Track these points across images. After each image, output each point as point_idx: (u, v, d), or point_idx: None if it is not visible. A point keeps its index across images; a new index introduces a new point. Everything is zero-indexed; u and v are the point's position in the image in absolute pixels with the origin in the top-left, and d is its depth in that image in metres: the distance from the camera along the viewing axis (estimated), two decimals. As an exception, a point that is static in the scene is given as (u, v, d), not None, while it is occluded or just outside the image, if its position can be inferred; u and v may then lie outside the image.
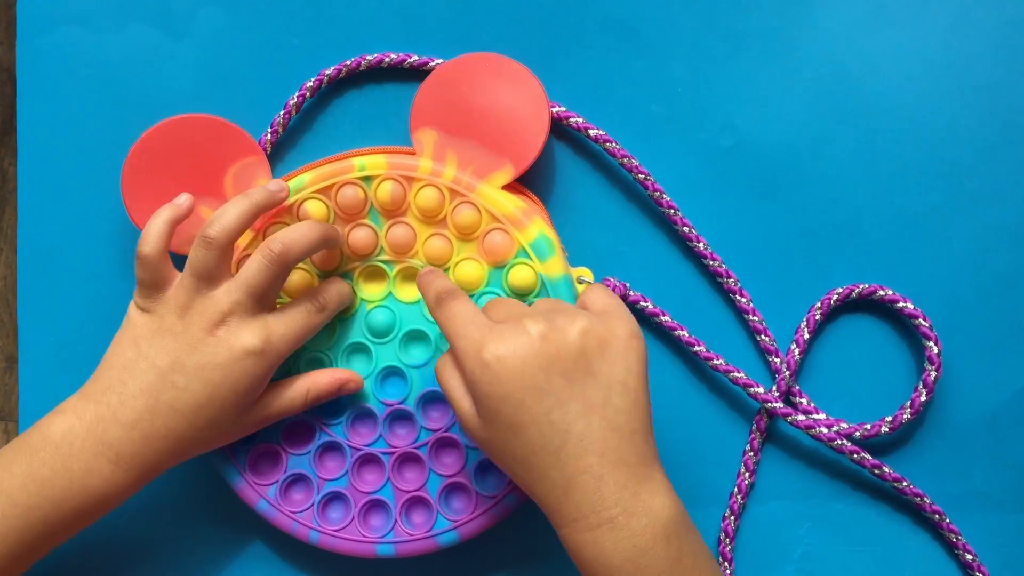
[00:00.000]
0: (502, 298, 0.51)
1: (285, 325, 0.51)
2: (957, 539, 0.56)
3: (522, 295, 0.53)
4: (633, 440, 0.44)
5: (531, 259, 0.53)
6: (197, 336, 0.49)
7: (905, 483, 0.55)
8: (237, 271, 0.51)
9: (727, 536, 0.56)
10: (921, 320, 0.55)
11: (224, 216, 0.49)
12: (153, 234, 0.50)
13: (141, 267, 0.50)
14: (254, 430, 0.53)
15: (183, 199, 0.52)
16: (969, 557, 0.56)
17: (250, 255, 0.53)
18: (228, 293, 0.50)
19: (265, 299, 0.51)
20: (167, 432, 0.49)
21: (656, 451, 0.46)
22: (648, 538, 0.43)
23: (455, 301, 0.47)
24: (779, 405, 0.55)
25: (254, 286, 0.50)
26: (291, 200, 0.54)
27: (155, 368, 0.49)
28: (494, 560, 0.58)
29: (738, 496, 0.56)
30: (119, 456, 0.48)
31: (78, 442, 0.48)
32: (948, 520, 0.56)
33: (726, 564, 0.56)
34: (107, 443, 0.48)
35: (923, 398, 0.54)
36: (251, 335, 0.50)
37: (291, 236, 0.50)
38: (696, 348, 0.55)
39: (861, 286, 0.56)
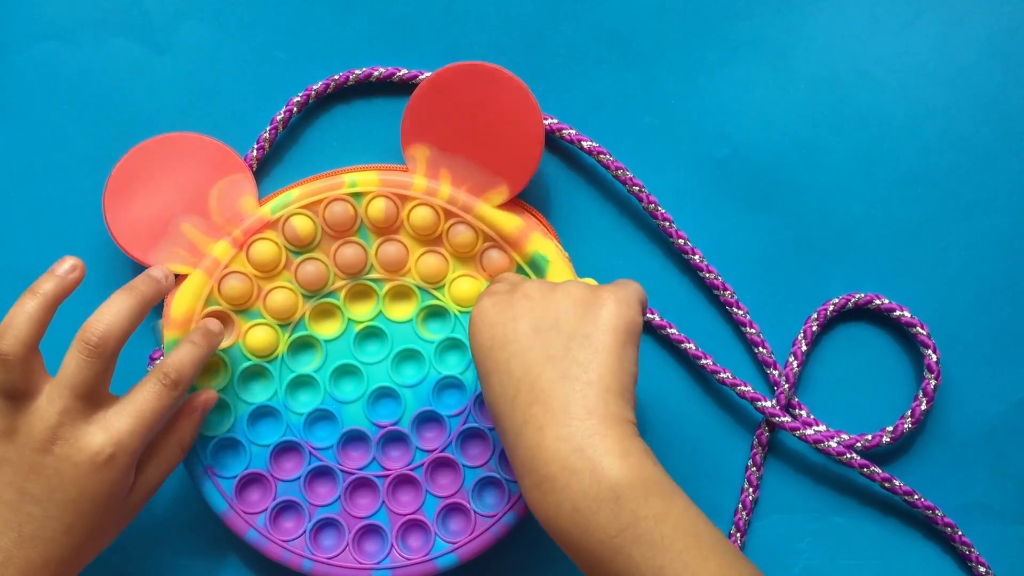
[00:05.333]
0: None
1: (131, 417, 0.46)
2: (970, 551, 0.55)
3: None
4: (585, 392, 0.41)
5: (529, 277, 0.52)
6: (33, 460, 0.44)
7: (916, 496, 0.54)
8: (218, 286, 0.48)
9: (733, 553, 0.55)
10: (919, 328, 0.54)
11: (13, 324, 0.44)
12: None
13: None
14: (143, 506, 0.49)
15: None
16: (983, 570, 0.55)
17: (232, 272, 0.52)
18: (52, 402, 0.44)
19: (96, 394, 0.45)
20: (45, 561, 0.44)
21: (627, 417, 0.41)
22: (590, 501, 0.39)
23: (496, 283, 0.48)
24: (786, 419, 0.54)
25: (79, 386, 0.44)
26: (277, 215, 0.52)
27: (5, 503, 0.44)
28: (493, 583, 0.56)
29: (743, 512, 0.55)
30: None
31: None
32: (960, 532, 0.55)
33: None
34: None
35: (923, 407, 0.54)
36: (93, 443, 0.45)
37: (106, 320, 0.45)
38: (703, 361, 0.54)
39: (858, 295, 0.55)
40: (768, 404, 0.54)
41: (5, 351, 0.43)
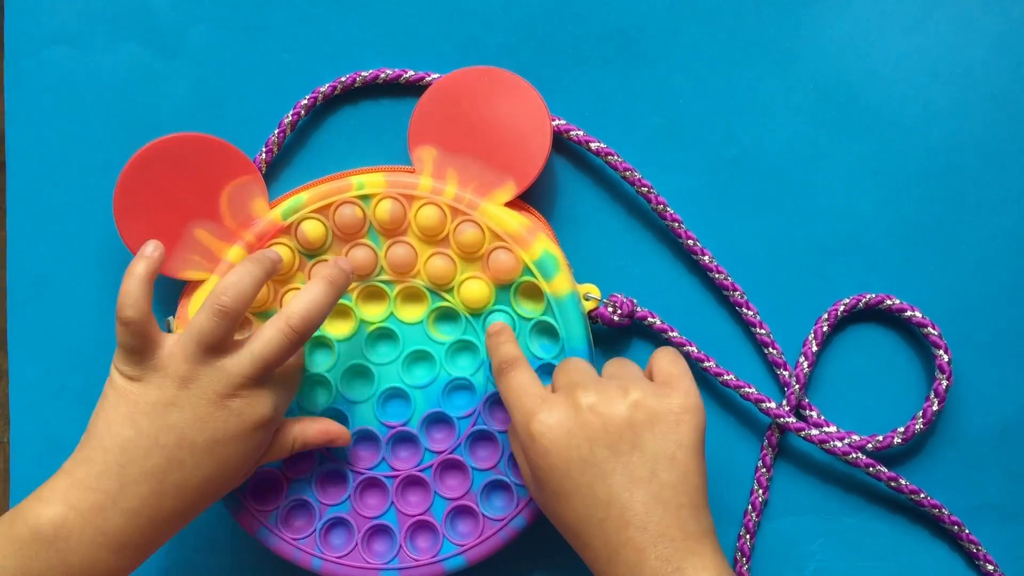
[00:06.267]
0: (571, 360, 0.50)
1: (287, 391, 0.50)
2: (977, 550, 0.55)
3: (529, 314, 0.52)
4: (679, 515, 0.43)
5: (536, 277, 0.52)
6: (206, 411, 0.46)
7: (922, 495, 0.54)
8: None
9: (743, 555, 0.55)
10: (930, 329, 0.54)
11: (239, 283, 0.46)
12: (133, 295, 0.45)
13: (126, 333, 0.45)
14: (240, 484, 0.51)
15: (151, 248, 0.48)
16: (991, 568, 0.55)
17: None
18: (241, 366, 0.46)
19: (273, 370, 0.48)
20: (173, 514, 0.46)
21: (710, 527, 0.45)
22: None
23: (515, 371, 0.48)
24: (792, 420, 0.54)
25: (271, 361, 0.47)
26: (288, 220, 0.53)
27: (160, 447, 0.45)
28: (502, 584, 0.56)
29: (752, 514, 0.55)
30: (123, 546, 0.45)
31: (75, 535, 0.43)
32: (967, 531, 0.55)
33: (739, 583, 0.55)
34: (108, 534, 0.44)
35: (935, 407, 0.54)
36: (266, 406, 0.47)
37: (309, 308, 0.47)
38: (706, 364, 0.54)
39: (868, 296, 0.55)
40: (773, 405, 0.54)
41: (227, 304, 0.46)
